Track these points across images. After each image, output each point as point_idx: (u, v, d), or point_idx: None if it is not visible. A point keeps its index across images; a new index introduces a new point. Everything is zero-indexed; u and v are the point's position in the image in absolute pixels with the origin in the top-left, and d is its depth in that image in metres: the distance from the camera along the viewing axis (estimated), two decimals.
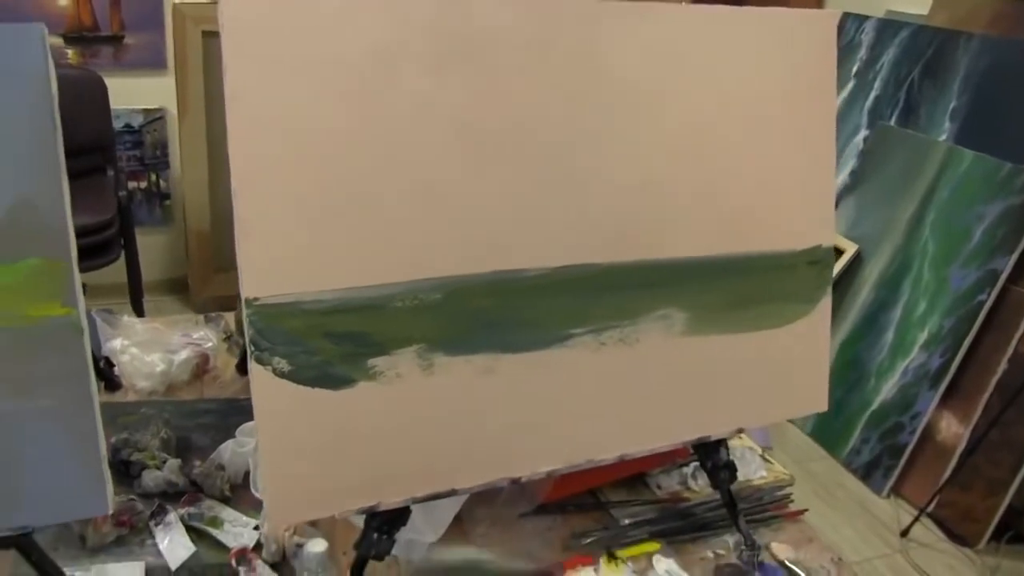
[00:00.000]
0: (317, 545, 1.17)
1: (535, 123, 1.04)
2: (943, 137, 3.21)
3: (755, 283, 1.22)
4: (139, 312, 3.30)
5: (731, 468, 1.32)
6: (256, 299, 0.92)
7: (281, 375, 0.94)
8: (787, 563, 1.38)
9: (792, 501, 1.53)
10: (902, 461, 3.14)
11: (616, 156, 1.10)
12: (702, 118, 1.16)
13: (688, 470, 1.51)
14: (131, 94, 3.57)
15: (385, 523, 1.07)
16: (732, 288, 1.21)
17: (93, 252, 3.00)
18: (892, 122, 3.39)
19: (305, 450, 0.98)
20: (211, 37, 3.40)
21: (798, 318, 1.28)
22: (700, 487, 1.49)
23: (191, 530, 1.28)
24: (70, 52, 3.45)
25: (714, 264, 1.19)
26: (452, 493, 1.09)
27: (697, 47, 1.10)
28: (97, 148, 3.31)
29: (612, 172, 1.10)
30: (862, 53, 3.55)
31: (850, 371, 3.27)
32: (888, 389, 3.19)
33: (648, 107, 1.10)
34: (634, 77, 1.09)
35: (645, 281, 1.15)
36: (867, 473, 3.23)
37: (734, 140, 1.18)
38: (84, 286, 1.00)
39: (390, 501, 1.04)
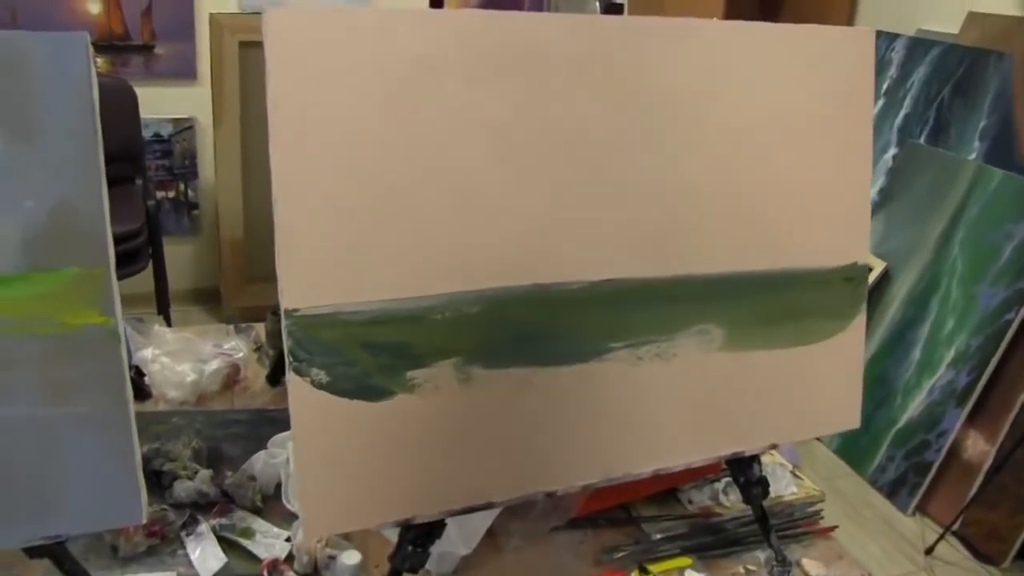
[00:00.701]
0: (351, 557, 1.17)
1: (576, 137, 1.04)
2: (973, 156, 3.18)
3: (792, 299, 1.21)
4: (167, 322, 3.32)
5: (764, 484, 1.31)
6: (296, 310, 0.92)
7: (319, 386, 0.94)
8: None
9: (823, 518, 1.52)
10: (928, 479, 3.11)
11: (656, 171, 1.09)
12: (742, 134, 1.15)
13: (719, 485, 1.50)
14: (161, 103, 3.61)
15: (420, 536, 1.06)
16: (769, 304, 1.21)
17: (121, 261, 2.97)
18: (922, 140, 3.37)
19: (342, 462, 0.97)
20: (247, 48, 3.43)
21: (833, 335, 1.27)
22: (731, 502, 1.48)
23: (222, 541, 1.28)
24: (100, 60, 3.48)
25: (752, 279, 1.18)
26: (488, 506, 1.08)
27: (737, 63, 1.10)
28: (126, 157, 3.33)
29: (652, 186, 1.10)
30: (892, 71, 3.53)
31: (877, 388, 3.25)
32: (915, 407, 3.16)
33: (688, 122, 1.10)
34: (674, 92, 1.09)
35: (684, 296, 1.14)
36: (892, 491, 3.20)
37: (773, 156, 1.18)
38: None
39: (426, 514, 1.04)
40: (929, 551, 2.96)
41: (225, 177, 3.67)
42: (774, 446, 1.31)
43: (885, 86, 3.57)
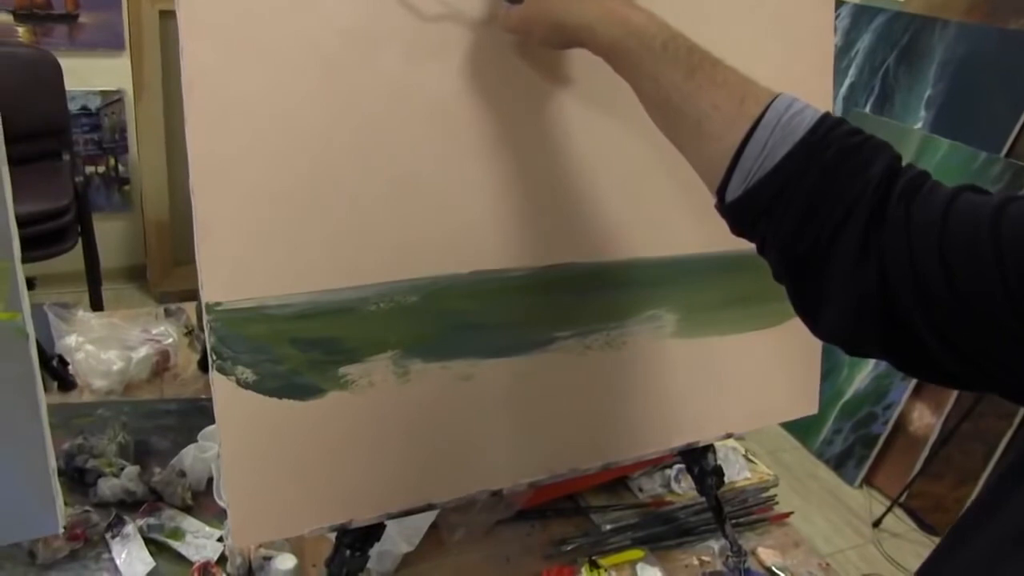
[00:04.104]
0: (285, 561, 1.10)
1: (519, 116, 0.97)
2: (918, 125, 3.18)
3: (746, 281, 1.16)
4: (97, 302, 3.20)
5: (719, 474, 1.26)
6: (218, 304, 0.85)
7: (245, 385, 0.87)
8: (774, 569, 1.33)
9: (777, 503, 1.49)
10: (874, 452, 3.14)
11: (603, 150, 1.03)
12: None
13: (671, 472, 1.46)
14: (88, 75, 3.45)
15: (357, 540, 1.00)
16: (723, 287, 1.16)
17: (49, 240, 2.88)
18: (867, 110, 3.36)
19: (272, 465, 0.91)
20: (169, 17, 3.29)
21: (789, 318, 1.22)
22: (683, 490, 1.44)
23: (150, 542, 1.20)
24: (20, 30, 3.31)
25: (705, 262, 1.13)
26: (429, 508, 1.02)
27: (696, 28, 1.04)
28: (52, 131, 3.18)
29: (599, 167, 1.03)
30: (837, 39, 3.51)
31: (824, 361, 3.22)
32: (861, 379, 3.17)
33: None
34: None
35: (633, 281, 1.09)
36: (840, 463, 3.22)
37: None
38: (34, 280, 0.93)
39: (363, 517, 0.98)
40: (876, 523, 2.99)
41: (148, 156, 3.55)
42: (729, 435, 1.27)
43: None
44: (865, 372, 3.16)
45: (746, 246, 0.77)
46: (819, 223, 0.68)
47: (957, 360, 0.63)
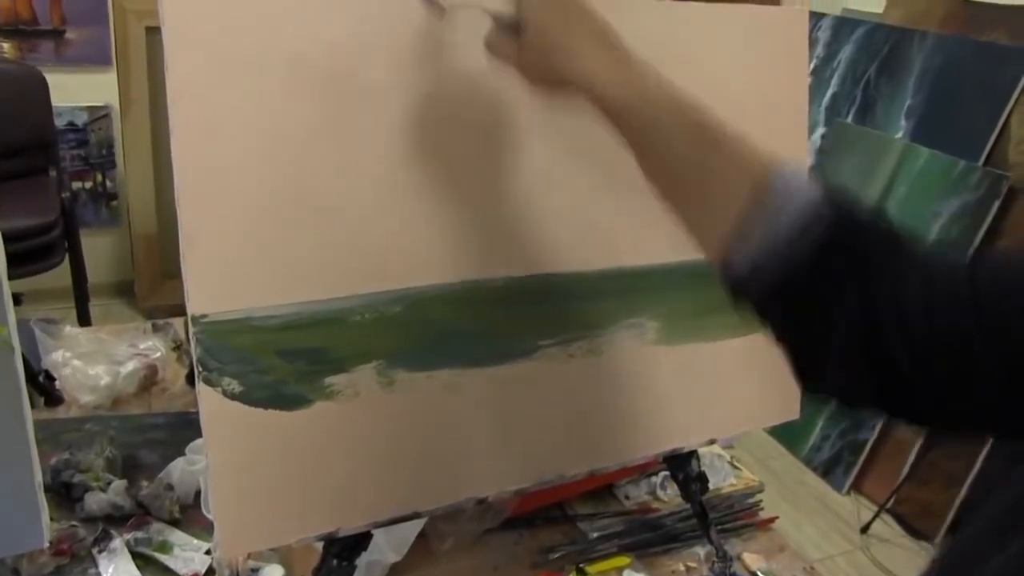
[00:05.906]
0: (273, 572, 1.11)
1: (501, 125, 0.99)
2: (899, 135, 3.21)
3: None
4: (85, 318, 3.19)
5: (703, 480, 1.27)
6: (204, 316, 0.86)
7: (232, 396, 0.88)
8: (759, 574, 1.34)
9: (763, 508, 1.50)
10: (862, 458, 3.16)
11: (585, 159, 1.04)
12: None
13: (657, 480, 1.47)
14: (75, 91, 3.46)
15: (345, 549, 1.01)
16: (704, 295, 1.17)
17: (36, 256, 2.88)
18: (849, 120, 3.39)
19: (258, 476, 0.91)
20: (155, 33, 3.31)
21: None
22: (669, 497, 1.45)
23: (138, 556, 1.20)
24: (6, 46, 3.31)
25: (685, 270, 1.14)
26: (415, 516, 1.03)
27: (668, 45, 1.06)
28: (38, 147, 3.18)
29: (581, 175, 1.05)
30: (819, 51, 3.54)
31: None
32: None
33: None
34: None
35: (615, 289, 1.10)
36: (827, 470, 3.24)
37: None
38: (20, 296, 0.93)
39: (350, 526, 0.98)
40: (864, 529, 3.00)
41: (135, 170, 3.56)
42: (712, 441, 1.28)
43: (812, 65, 3.58)
44: None
45: None
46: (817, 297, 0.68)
47: (944, 403, 0.64)
